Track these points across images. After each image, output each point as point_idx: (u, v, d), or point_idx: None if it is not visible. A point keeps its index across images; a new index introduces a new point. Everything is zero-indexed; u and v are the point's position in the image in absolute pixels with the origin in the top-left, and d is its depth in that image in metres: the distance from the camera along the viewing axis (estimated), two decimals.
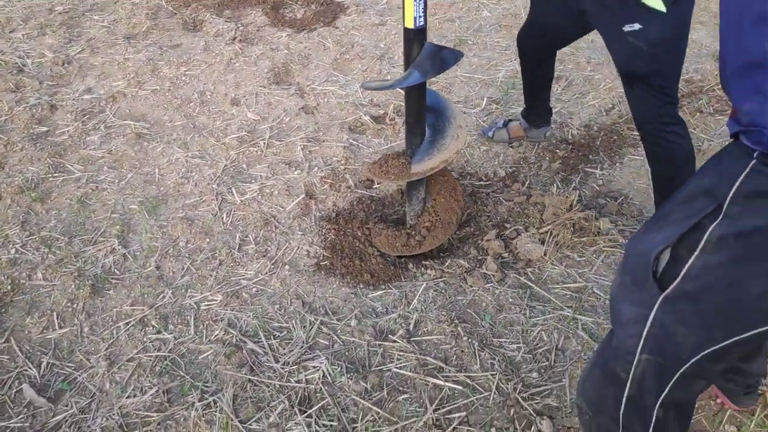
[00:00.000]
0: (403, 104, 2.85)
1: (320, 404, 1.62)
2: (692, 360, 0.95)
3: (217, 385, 1.69)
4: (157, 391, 1.68)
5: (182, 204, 2.37)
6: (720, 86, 2.83)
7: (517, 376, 1.65)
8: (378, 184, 2.38)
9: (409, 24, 1.56)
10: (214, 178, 2.49)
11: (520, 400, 1.59)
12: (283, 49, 3.34)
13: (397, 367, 1.69)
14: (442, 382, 1.64)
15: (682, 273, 0.91)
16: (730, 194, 0.85)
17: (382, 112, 2.82)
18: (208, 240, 2.20)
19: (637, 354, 0.99)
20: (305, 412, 1.61)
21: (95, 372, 1.75)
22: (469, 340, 1.74)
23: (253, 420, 1.60)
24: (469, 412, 1.58)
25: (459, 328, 1.77)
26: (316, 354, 1.74)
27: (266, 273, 2.04)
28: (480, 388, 1.63)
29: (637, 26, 1.63)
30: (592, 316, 1.81)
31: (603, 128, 2.65)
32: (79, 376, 1.75)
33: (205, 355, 1.78)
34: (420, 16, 1.54)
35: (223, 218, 2.29)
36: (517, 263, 1.99)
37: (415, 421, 1.56)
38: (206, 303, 1.95)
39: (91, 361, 1.79)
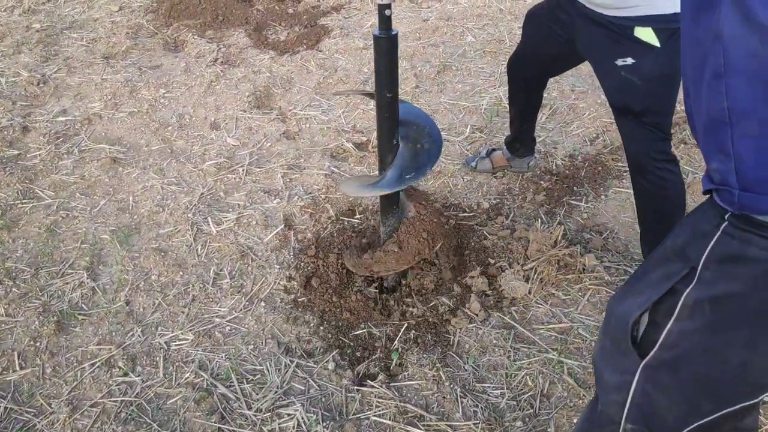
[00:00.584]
0: None
1: None
2: None
3: None
4: None
5: (156, 234, 2.29)
6: None
7: (501, 426, 1.59)
8: (360, 215, 2.31)
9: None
10: (190, 207, 2.41)
11: None
12: (266, 72, 3.29)
13: (375, 415, 1.61)
14: (423, 431, 1.57)
15: (659, 340, 0.86)
16: (703, 257, 0.80)
17: (365, 138, 2.77)
18: (181, 273, 2.11)
19: (622, 423, 0.94)
20: None
21: (56, 418, 1.66)
22: (451, 385, 1.68)
23: None
24: None
25: (441, 373, 1.71)
26: (291, 400, 1.66)
27: (241, 310, 1.96)
28: None
29: (630, 60, 1.60)
30: (578, 360, 1.75)
31: (587, 159, 2.63)
32: (39, 422, 1.65)
33: (174, 400, 1.69)
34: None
35: (197, 250, 2.21)
36: (501, 302, 1.94)
37: None
38: (177, 342, 1.86)
39: (52, 406, 1.69)
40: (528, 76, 2.13)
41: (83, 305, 2.00)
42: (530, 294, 1.92)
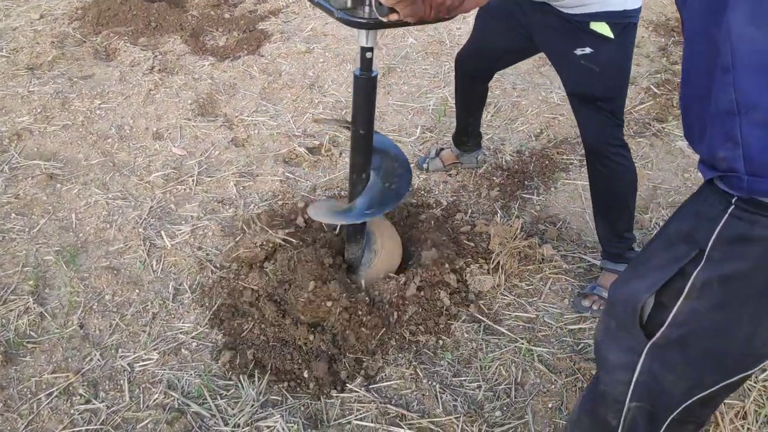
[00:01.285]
0: (338, 134, 2.80)
1: None
2: (683, 406, 0.95)
3: None
4: None
5: (105, 252, 2.18)
6: (636, 109, 3.00)
7: (481, 417, 1.62)
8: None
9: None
10: (139, 221, 2.30)
11: None
12: (207, 79, 3.20)
13: (357, 419, 1.60)
14: (406, 431, 1.58)
15: (668, 320, 0.91)
16: (711, 240, 0.85)
17: (317, 143, 2.75)
18: (137, 291, 2.02)
19: (627, 401, 0.98)
20: None
21: None
22: (429, 382, 1.69)
23: None
24: None
25: (418, 370, 1.72)
26: (270, 412, 1.62)
27: (206, 324, 1.89)
28: None
29: (588, 50, 1.70)
30: (547, 347, 1.81)
31: (534, 153, 2.72)
32: None
33: (144, 423, 1.61)
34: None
35: (152, 265, 2.12)
36: (468, 295, 1.97)
37: None
38: (141, 363, 1.78)
39: None
40: (477, 70, 2.18)
41: (32, 332, 1.87)
42: (496, 287, 1.97)
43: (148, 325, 1.89)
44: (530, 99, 3.09)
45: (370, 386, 1.69)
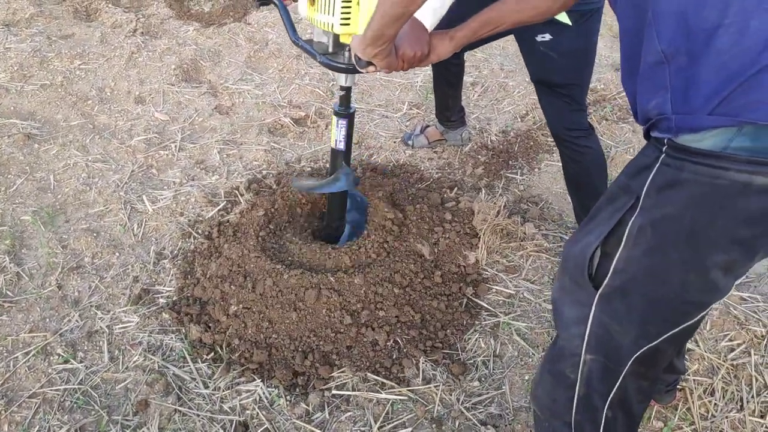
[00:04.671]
0: (324, 106, 2.78)
1: (259, 431, 1.52)
2: (633, 357, 0.98)
3: (140, 419, 1.53)
4: (68, 430, 1.49)
5: (85, 214, 2.14)
6: (621, 95, 3.03)
7: (459, 387, 1.65)
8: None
9: (332, 144, 1.78)
10: (120, 185, 2.27)
11: (463, 410, 1.58)
12: (191, 45, 3.13)
13: (337, 387, 1.62)
14: (385, 396, 1.60)
15: (611, 269, 0.94)
16: (645, 187, 0.88)
17: (303, 114, 2.72)
18: (117, 254, 1.99)
19: (582, 354, 1.01)
20: None
21: None
22: (409, 350, 1.71)
23: None
24: (415, 426, 1.55)
25: (398, 339, 1.74)
26: (251, 377, 1.63)
27: (188, 289, 1.88)
28: (424, 401, 1.60)
29: (548, 36, 1.73)
30: (526, 321, 1.85)
31: (519, 134, 2.74)
32: None
33: (123, 384, 1.61)
34: (340, 141, 1.75)
35: (133, 229, 2.09)
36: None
37: None
38: (120, 326, 1.76)
39: None
40: None
41: (8, 291, 1.84)
42: (478, 262, 2.00)
43: (128, 288, 1.87)
44: (517, 80, 3.10)
45: (352, 354, 1.71)
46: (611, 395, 1.03)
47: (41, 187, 2.23)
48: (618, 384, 1.02)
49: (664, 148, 0.87)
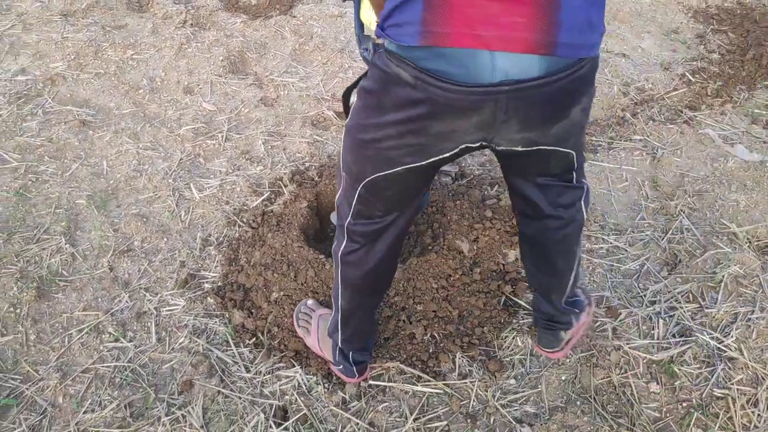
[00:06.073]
0: None
1: (297, 416, 1.56)
2: (362, 183, 1.22)
3: (185, 398, 1.59)
4: (118, 405, 1.56)
5: (135, 199, 2.22)
6: (669, 95, 2.96)
7: (495, 383, 1.66)
8: None
9: None
10: (169, 172, 2.34)
11: (499, 407, 1.59)
12: (238, 36, 3.20)
13: (373, 378, 1.65)
14: (421, 389, 1.62)
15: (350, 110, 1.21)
16: (372, 61, 1.12)
17: None
18: (165, 239, 2.07)
19: (340, 164, 1.30)
20: (281, 424, 1.54)
21: (46, 385, 1.61)
22: (446, 345, 1.73)
23: None
24: (450, 420, 1.57)
25: (435, 334, 1.76)
26: (290, 363, 1.67)
27: (232, 275, 1.94)
28: (459, 396, 1.62)
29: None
30: None
31: None
32: (27, 389, 1.60)
33: (170, 364, 1.67)
34: None
35: (181, 216, 2.16)
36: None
37: None
38: (167, 308, 1.83)
39: (39, 372, 1.64)
40: None
41: (63, 271, 1.93)
42: (518, 261, 1.99)
43: (175, 272, 1.94)
44: None
45: (389, 345, 1.73)
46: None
47: (95, 173, 2.33)
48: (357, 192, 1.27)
49: (380, 47, 1.10)
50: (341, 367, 1.57)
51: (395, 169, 1.15)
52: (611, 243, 2.15)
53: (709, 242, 2.08)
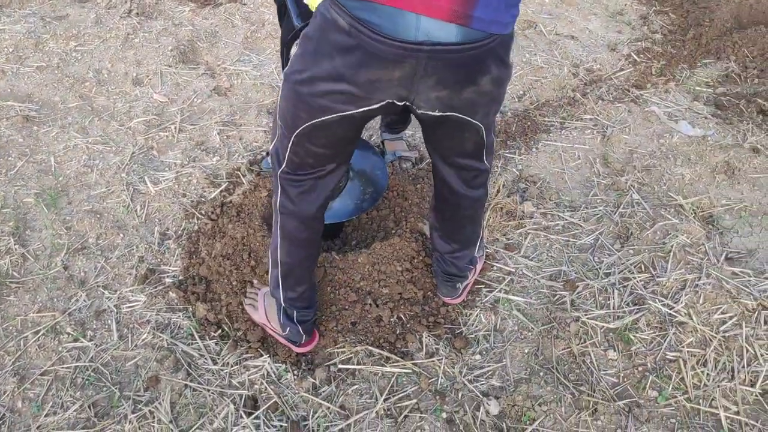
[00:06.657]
0: None
1: (267, 405, 1.56)
2: (293, 134, 1.29)
3: (152, 394, 1.57)
4: (81, 406, 1.52)
5: (87, 195, 2.15)
6: (616, 75, 3.06)
7: (461, 360, 1.69)
8: None
9: None
10: (121, 167, 2.28)
11: (466, 383, 1.63)
12: (187, 25, 3.12)
13: (342, 362, 1.66)
14: (390, 369, 1.65)
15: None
16: (317, 9, 1.20)
17: None
18: (122, 235, 2.02)
19: (276, 112, 1.35)
20: (252, 414, 1.54)
21: (2, 390, 1.55)
22: (412, 326, 1.75)
23: (195, 428, 1.50)
24: (419, 398, 1.60)
25: (401, 316, 1.78)
26: (258, 352, 1.67)
27: (194, 268, 1.91)
28: (427, 374, 1.65)
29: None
30: (524, 297, 1.89)
31: (517, 115, 2.76)
32: None
33: (134, 361, 1.64)
34: None
35: (137, 210, 2.11)
36: None
37: (367, 413, 1.55)
38: (128, 305, 1.79)
39: None
40: None
41: (14, 272, 1.86)
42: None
43: (134, 268, 1.90)
44: (514, 61, 3.11)
45: (357, 329, 1.75)
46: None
47: (42, 170, 2.24)
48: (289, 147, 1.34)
49: None
50: (288, 331, 1.59)
51: (329, 116, 1.22)
52: (566, 219, 2.21)
53: (658, 215, 2.18)
